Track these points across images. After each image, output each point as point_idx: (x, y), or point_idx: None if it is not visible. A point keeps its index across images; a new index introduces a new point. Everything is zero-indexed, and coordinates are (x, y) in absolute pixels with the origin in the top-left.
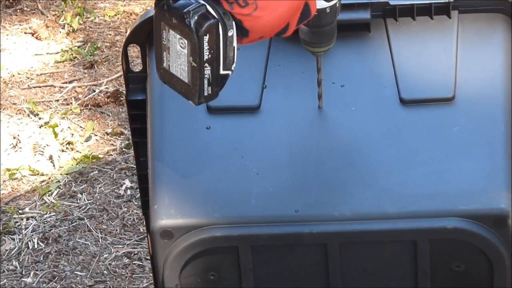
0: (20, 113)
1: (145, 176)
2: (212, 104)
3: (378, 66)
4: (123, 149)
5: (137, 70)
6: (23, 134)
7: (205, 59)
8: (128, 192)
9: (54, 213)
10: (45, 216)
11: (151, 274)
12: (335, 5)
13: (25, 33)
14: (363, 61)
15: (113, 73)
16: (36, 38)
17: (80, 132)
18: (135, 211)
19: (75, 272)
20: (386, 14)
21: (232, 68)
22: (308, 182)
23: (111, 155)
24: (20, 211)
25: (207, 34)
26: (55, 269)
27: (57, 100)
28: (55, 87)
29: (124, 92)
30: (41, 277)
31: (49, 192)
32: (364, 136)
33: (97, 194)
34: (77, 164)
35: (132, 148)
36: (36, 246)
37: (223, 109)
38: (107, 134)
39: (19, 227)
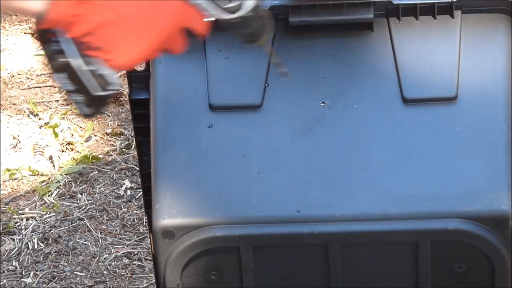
0: (20, 113)
1: (148, 175)
2: (214, 102)
3: (381, 65)
4: (123, 150)
5: (140, 69)
6: (23, 134)
7: (69, 90)
8: (128, 192)
9: (54, 214)
10: (45, 216)
11: (151, 275)
12: (241, 16)
13: (25, 33)
14: (366, 60)
15: None
16: (36, 38)
17: (80, 132)
18: (135, 211)
19: (75, 272)
20: (389, 14)
21: (111, 88)
22: (309, 182)
23: (111, 155)
24: (20, 212)
25: (61, 72)
26: (55, 270)
27: (57, 101)
28: (55, 87)
29: (124, 92)
30: (41, 278)
31: (49, 193)
32: (366, 135)
33: (97, 195)
34: (77, 165)
35: (133, 147)
36: (36, 247)
37: (225, 107)
38: (107, 135)
39: (19, 227)
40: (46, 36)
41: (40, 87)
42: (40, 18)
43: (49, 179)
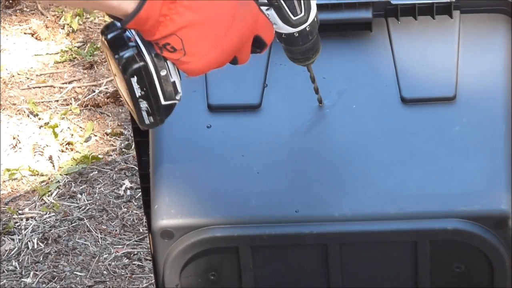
0: (19, 114)
1: (146, 175)
2: (213, 103)
3: (380, 65)
4: (123, 150)
5: None
6: (23, 134)
7: (137, 96)
8: (128, 192)
9: (53, 214)
10: (45, 216)
11: (151, 275)
12: (305, 29)
13: (25, 33)
14: (364, 60)
15: None
16: (36, 38)
17: (80, 132)
18: (134, 211)
19: (75, 272)
20: (388, 14)
21: (177, 97)
22: (308, 182)
23: (111, 155)
24: (19, 212)
25: (135, 76)
26: (55, 270)
27: (57, 101)
28: (54, 87)
29: None
30: (40, 278)
31: (49, 193)
32: (365, 135)
33: (96, 195)
34: (76, 165)
35: (132, 148)
36: (35, 247)
37: (224, 108)
38: (107, 135)
39: (19, 227)
40: (123, 39)
41: (40, 87)
42: (130, 18)
43: (49, 179)
